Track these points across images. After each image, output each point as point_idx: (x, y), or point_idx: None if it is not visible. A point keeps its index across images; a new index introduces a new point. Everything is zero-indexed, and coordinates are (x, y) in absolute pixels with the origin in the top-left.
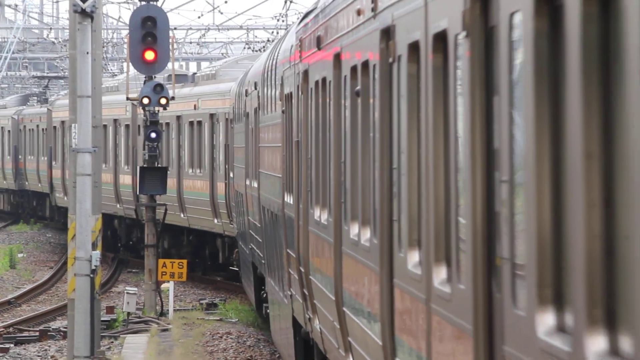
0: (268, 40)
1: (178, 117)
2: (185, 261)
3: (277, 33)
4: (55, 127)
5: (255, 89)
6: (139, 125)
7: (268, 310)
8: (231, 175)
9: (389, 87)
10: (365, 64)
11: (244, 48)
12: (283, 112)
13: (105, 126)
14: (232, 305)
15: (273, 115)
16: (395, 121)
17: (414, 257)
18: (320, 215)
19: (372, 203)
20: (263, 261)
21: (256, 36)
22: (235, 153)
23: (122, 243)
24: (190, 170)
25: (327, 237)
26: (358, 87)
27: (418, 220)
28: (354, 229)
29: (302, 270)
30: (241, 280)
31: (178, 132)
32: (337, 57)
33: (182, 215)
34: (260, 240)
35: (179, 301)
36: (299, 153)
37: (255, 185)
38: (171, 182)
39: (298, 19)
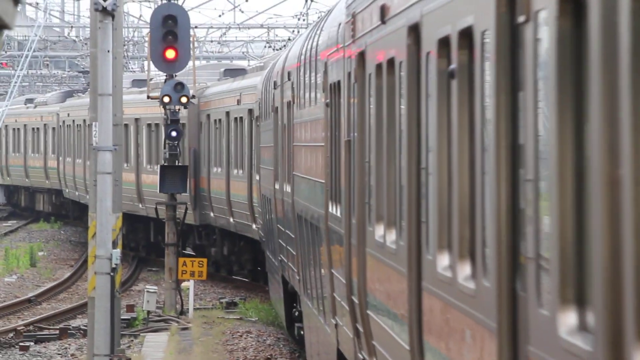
0: (289, 39)
1: (227, 113)
2: (205, 260)
3: (298, 32)
4: None
5: (289, 79)
6: (200, 122)
7: (302, 332)
8: (257, 177)
9: (513, 61)
10: (466, 33)
11: (265, 47)
12: (327, 105)
13: (157, 125)
14: (252, 304)
15: (312, 109)
16: (529, 110)
17: (567, 319)
18: (385, 235)
19: (477, 228)
20: (297, 277)
21: (277, 35)
22: (262, 153)
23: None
24: (235, 171)
25: (397, 266)
26: (453, 66)
27: (576, 257)
28: (442, 261)
29: (356, 301)
30: (268, 284)
31: (228, 130)
32: (414, 30)
33: (230, 220)
34: (294, 252)
35: (199, 300)
36: (351, 155)
37: (288, 189)
38: (220, 183)
39: (319, 17)
